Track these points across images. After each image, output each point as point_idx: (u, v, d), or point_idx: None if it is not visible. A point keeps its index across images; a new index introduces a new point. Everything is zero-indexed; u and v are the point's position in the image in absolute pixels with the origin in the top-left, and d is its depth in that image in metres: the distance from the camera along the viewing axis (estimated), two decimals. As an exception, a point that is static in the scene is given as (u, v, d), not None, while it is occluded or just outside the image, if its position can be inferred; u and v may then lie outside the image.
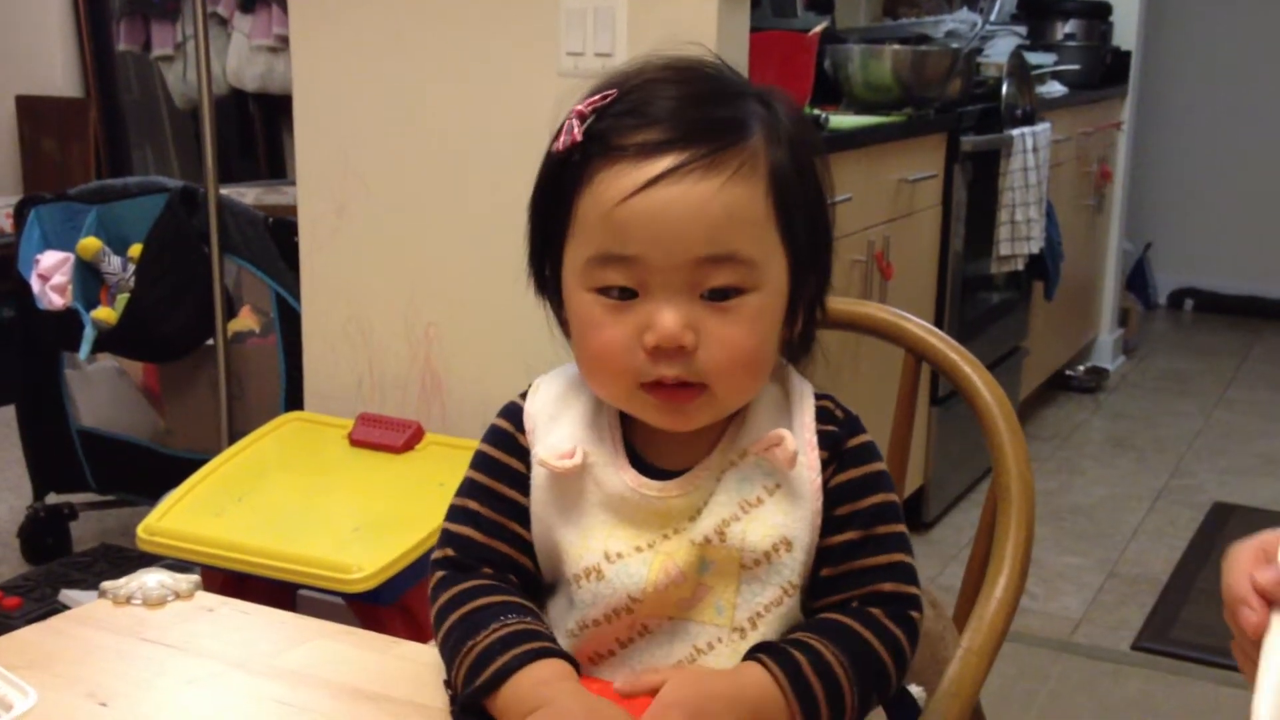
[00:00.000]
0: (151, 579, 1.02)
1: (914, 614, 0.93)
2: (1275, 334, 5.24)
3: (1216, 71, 5.50)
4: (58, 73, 4.50)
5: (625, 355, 0.87)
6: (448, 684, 0.88)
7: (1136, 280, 5.33)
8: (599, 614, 0.91)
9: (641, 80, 0.90)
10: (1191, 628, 2.66)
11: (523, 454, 0.95)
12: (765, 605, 0.91)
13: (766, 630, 0.92)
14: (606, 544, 0.91)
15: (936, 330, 1.24)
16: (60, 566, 2.84)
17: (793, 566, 0.91)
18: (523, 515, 0.94)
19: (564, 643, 0.92)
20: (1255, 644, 0.61)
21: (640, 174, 0.86)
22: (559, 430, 0.94)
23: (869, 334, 1.26)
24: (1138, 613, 2.75)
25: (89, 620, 0.98)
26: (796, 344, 0.96)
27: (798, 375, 0.97)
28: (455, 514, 0.96)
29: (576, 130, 0.89)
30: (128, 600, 1.00)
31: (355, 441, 2.19)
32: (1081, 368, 4.44)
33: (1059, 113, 3.73)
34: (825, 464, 0.93)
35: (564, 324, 0.96)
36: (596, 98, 0.90)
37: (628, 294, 0.87)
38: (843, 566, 0.93)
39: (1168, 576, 2.92)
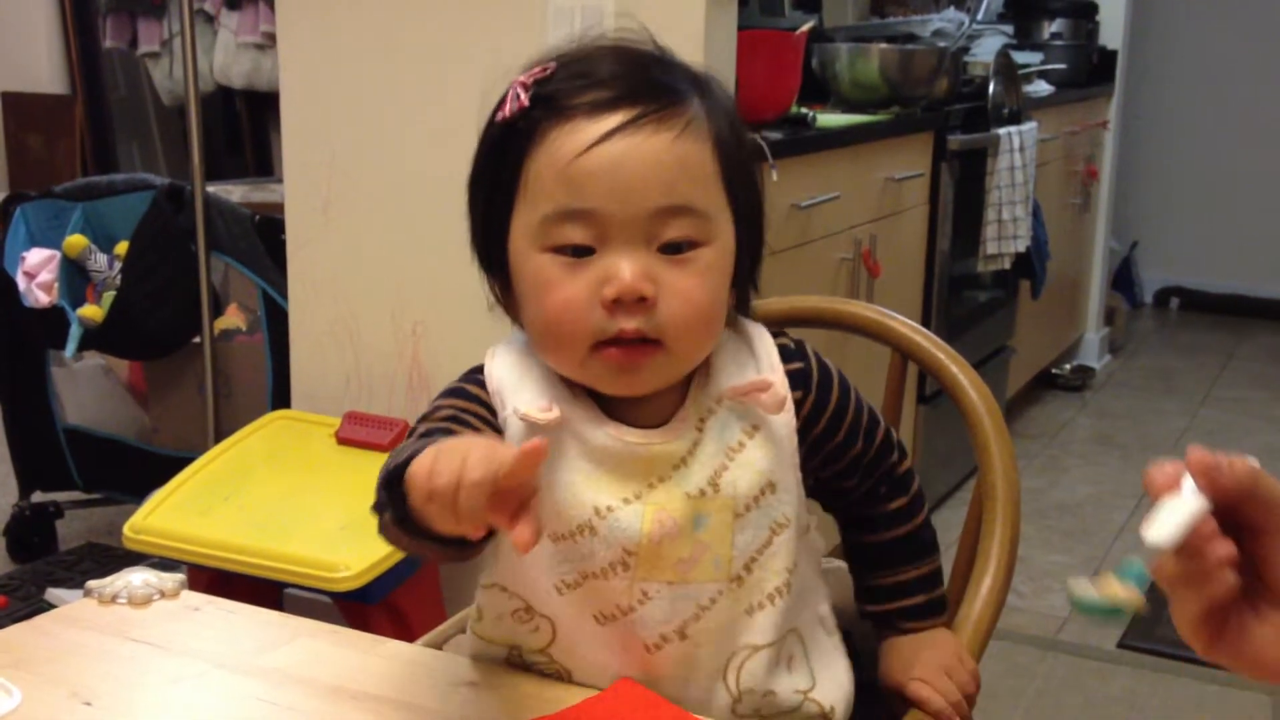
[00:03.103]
0: (137, 578, 1.01)
1: (913, 478, 1.07)
2: (1260, 332, 5.26)
3: (1202, 71, 5.52)
4: (43, 69, 4.48)
5: (583, 312, 0.88)
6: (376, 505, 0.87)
7: (1122, 279, 5.35)
8: (597, 568, 0.92)
9: (581, 53, 0.94)
10: (1177, 625, 2.67)
11: (488, 408, 0.96)
12: (758, 549, 0.95)
13: (761, 574, 0.95)
14: (595, 498, 0.92)
15: (923, 329, 1.24)
16: (46, 565, 2.83)
17: (778, 507, 0.95)
18: None
19: (562, 595, 0.93)
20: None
21: (595, 128, 0.88)
22: (524, 393, 0.95)
23: (855, 333, 1.27)
24: (1123, 611, 2.76)
25: (74, 619, 0.98)
26: (733, 311, 0.98)
27: (746, 320, 1.00)
28: (425, 418, 0.95)
29: (523, 96, 0.91)
30: (113, 599, 1.00)
31: (342, 440, 2.19)
32: (1068, 366, 4.45)
33: (1045, 112, 3.74)
34: (799, 403, 0.97)
35: (504, 299, 0.98)
36: (537, 69, 0.92)
37: (583, 252, 0.89)
38: (877, 464, 1.04)
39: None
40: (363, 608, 1.94)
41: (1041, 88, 3.86)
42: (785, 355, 0.98)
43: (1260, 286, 5.50)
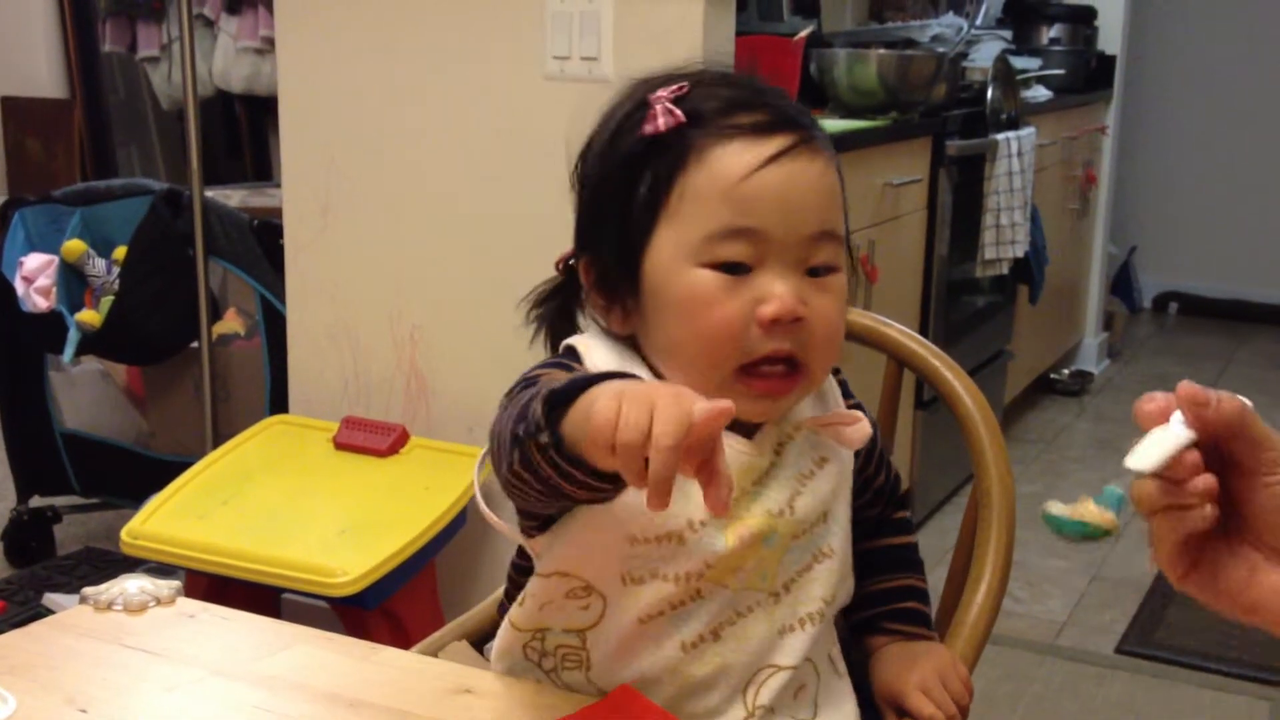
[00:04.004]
0: (133, 585, 1.01)
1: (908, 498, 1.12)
2: (1259, 337, 5.26)
3: (1201, 75, 5.52)
4: (43, 73, 4.48)
5: (739, 330, 0.90)
6: (516, 427, 0.82)
7: (1121, 284, 5.35)
8: (670, 573, 0.93)
9: (707, 76, 0.95)
10: (1175, 631, 2.67)
11: None
12: (798, 571, 0.97)
13: (798, 595, 0.97)
14: (689, 510, 0.91)
15: (918, 336, 1.24)
16: (44, 570, 2.83)
17: (825, 537, 0.98)
18: None
19: (625, 586, 0.93)
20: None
21: (762, 149, 0.90)
22: None
23: (851, 340, 1.27)
24: (1121, 616, 2.76)
25: (69, 626, 0.98)
26: None
27: None
28: (529, 383, 0.89)
29: (678, 112, 0.91)
30: (109, 606, 1.00)
31: (340, 445, 2.19)
32: (1066, 371, 4.45)
33: (1044, 117, 3.74)
34: None
35: (618, 310, 0.95)
36: (674, 87, 0.93)
37: (740, 269, 0.90)
38: (879, 501, 1.09)
39: (1151, 580, 2.93)
40: (360, 613, 1.94)
41: (1040, 93, 3.86)
42: (844, 390, 1.03)
43: (1259, 291, 5.50)
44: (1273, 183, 5.47)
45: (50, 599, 2.62)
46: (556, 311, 1.02)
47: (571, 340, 0.98)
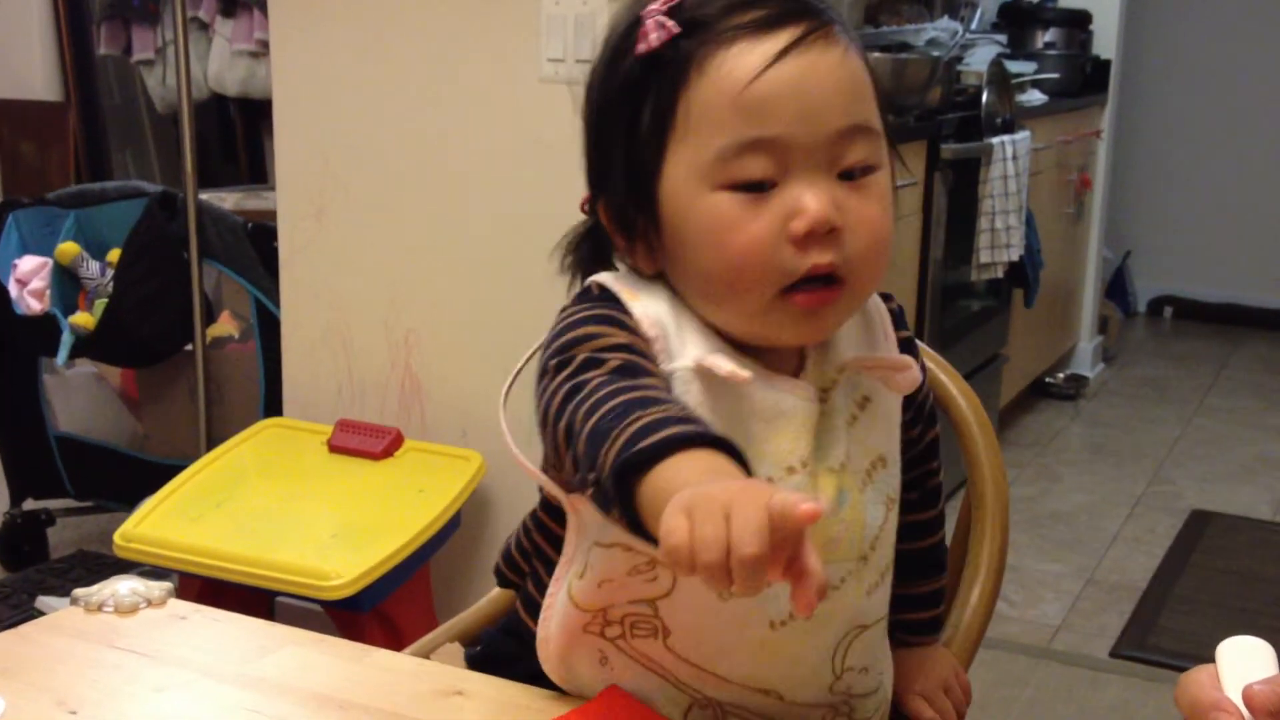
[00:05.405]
0: (124, 586, 1.01)
1: (942, 492, 1.04)
2: (1254, 341, 5.27)
3: (1196, 80, 5.53)
4: (37, 76, 4.47)
5: (770, 252, 0.81)
6: (586, 474, 0.75)
7: (1116, 288, 5.35)
8: None
9: None
10: (1170, 635, 2.67)
11: (645, 343, 0.84)
12: (879, 526, 0.91)
13: (881, 551, 0.91)
14: (760, 468, 0.81)
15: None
16: (37, 573, 2.82)
17: (889, 481, 0.91)
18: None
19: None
20: None
21: (768, 47, 0.81)
22: (689, 346, 0.84)
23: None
24: (1116, 620, 2.76)
25: (60, 628, 0.98)
26: None
27: None
28: (580, 343, 0.82)
29: (669, 24, 0.82)
30: (99, 608, 1.00)
31: (334, 448, 2.19)
32: (1061, 375, 4.46)
33: (1039, 121, 3.75)
34: None
35: (641, 250, 0.87)
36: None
37: (764, 186, 0.81)
38: (920, 462, 1.00)
39: (1146, 584, 2.93)
40: (354, 616, 1.93)
41: (1035, 97, 3.87)
42: (895, 321, 0.93)
43: (1253, 296, 5.51)
44: (1267, 187, 5.48)
45: (43, 602, 2.62)
46: (590, 256, 0.92)
47: (601, 279, 0.88)
